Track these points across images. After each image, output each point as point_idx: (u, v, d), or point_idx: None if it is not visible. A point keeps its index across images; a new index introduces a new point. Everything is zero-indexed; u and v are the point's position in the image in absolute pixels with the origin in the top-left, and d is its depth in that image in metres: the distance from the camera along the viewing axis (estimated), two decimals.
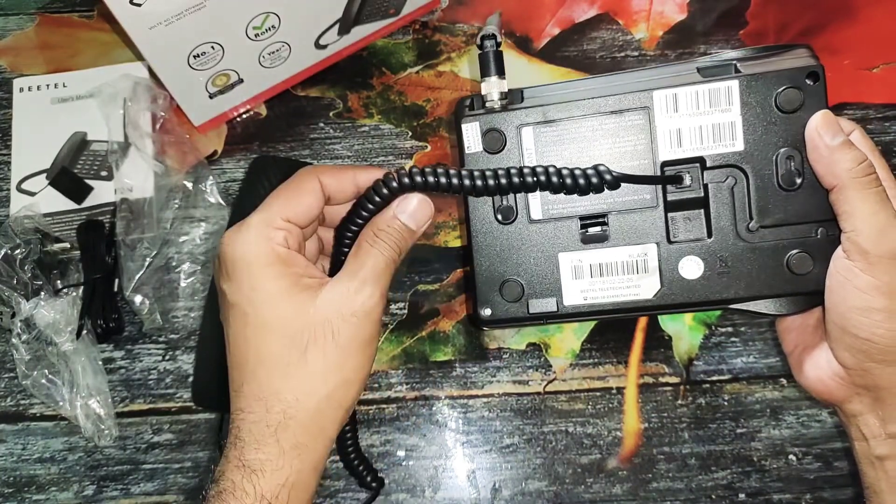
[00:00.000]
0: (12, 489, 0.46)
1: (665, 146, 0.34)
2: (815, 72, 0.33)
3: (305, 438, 0.32)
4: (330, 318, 0.32)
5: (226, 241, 0.33)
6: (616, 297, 0.36)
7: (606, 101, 0.35)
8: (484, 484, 0.46)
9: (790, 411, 0.47)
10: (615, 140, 0.35)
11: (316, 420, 0.32)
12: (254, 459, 0.31)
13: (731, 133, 0.34)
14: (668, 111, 0.34)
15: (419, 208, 0.34)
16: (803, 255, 0.34)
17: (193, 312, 0.50)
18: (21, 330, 0.47)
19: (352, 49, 0.57)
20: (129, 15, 0.43)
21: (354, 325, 0.32)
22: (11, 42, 0.59)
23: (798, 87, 0.33)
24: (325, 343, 0.32)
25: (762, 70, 0.33)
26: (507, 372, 0.49)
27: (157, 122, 0.53)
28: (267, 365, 0.32)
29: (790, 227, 0.34)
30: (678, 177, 0.35)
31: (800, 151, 0.33)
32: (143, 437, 0.48)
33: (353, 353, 0.32)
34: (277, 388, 0.32)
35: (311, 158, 0.54)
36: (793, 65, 0.33)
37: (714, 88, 0.34)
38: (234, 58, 0.50)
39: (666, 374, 0.48)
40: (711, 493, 0.46)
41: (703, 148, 0.34)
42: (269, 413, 0.31)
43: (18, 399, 0.49)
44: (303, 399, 0.32)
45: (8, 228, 0.49)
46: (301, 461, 0.32)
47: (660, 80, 0.35)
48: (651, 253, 0.35)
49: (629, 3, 0.59)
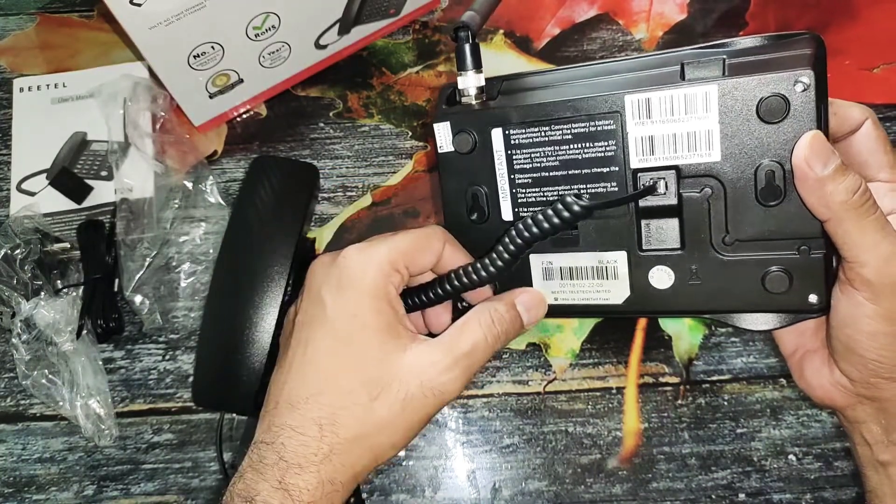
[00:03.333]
0: (12, 489, 0.46)
1: (636, 153, 0.32)
2: (803, 78, 0.28)
3: (343, 476, 0.31)
4: (410, 381, 0.31)
5: (349, 255, 0.33)
6: (586, 300, 0.35)
7: (577, 104, 0.32)
8: (484, 484, 0.46)
9: (790, 411, 0.47)
10: (586, 144, 0.32)
11: (354, 462, 0.31)
12: (294, 485, 0.30)
13: (708, 142, 0.31)
14: (639, 117, 0.31)
15: (537, 305, 0.34)
16: (780, 275, 0.31)
17: (193, 312, 0.50)
18: (21, 330, 0.47)
19: (352, 49, 0.57)
20: (129, 15, 0.43)
21: (427, 401, 0.31)
22: (11, 42, 0.59)
23: (783, 96, 0.29)
24: (395, 402, 0.31)
25: (745, 74, 0.29)
26: (507, 372, 0.49)
27: (157, 122, 0.53)
28: (336, 392, 0.31)
29: (769, 243, 0.31)
30: (651, 188, 0.32)
31: (782, 165, 0.30)
32: (143, 437, 0.48)
33: (411, 424, 0.32)
34: (337, 419, 0.31)
35: (311, 158, 0.54)
36: (780, 68, 0.29)
37: (690, 94, 0.30)
38: (234, 58, 0.50)
39: (666, 374, 0.48)
40: (711, 493, 0.46)
41: (677, 157, 0.31)
42: (321, 441, 0.31)
43: (18, 399, 0.49)
44: (352, 441, 0.31)
45: (8, 228, 0.49)
46: (330, 500, 0.31)
47: (637, 80, 0.32)
48: (621, 260, 0.34)
49: (629, 3, 0.59)
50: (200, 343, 0.48)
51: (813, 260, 0.31)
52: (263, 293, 0.46)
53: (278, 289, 0.46)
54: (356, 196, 0.54)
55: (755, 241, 0.31)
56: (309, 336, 0.33)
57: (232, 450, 0.47)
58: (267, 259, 0.47)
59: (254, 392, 0.46)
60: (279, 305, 0.46)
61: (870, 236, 0.29)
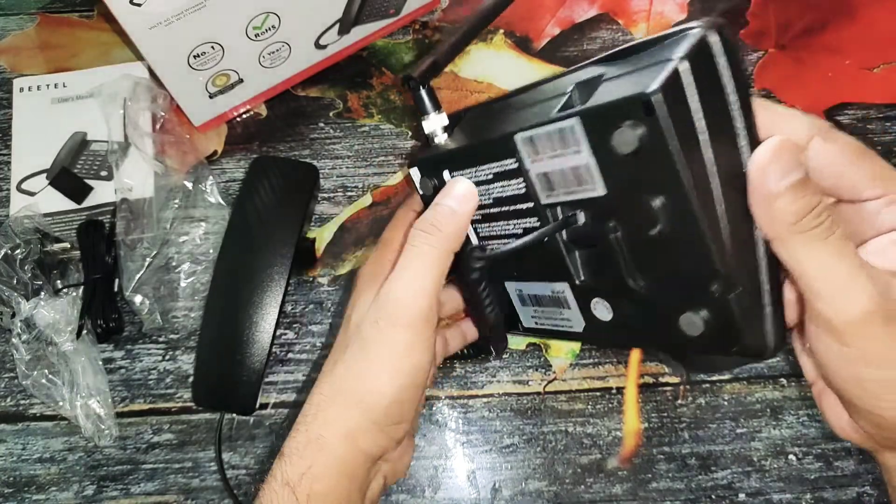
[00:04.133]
0: (12, 489, 0.46)
1: (540, 190, 0.30)
2: (648, 102, 0.23)
3: (327, 432, 0.33)
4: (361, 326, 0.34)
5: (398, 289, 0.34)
6: (555, 327, 0.35)
7: (487, 145, 0.32)
8: (484, 484, 0.46)
9: (790, 411, 0.47)
10: (504, 183, 0.32)
11: (340, 417, 0.33)
12: (286, 448, 0.33)
13: (590, 177, 0.28)
14: (531, 154, 0.30)
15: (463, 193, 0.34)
16: (690, 317, 0.27)
17: (193, 312, 0.50)
18: (21, 330, 0.47)
19: (352, 49, 0.57)
20: (129, 15, 0.43)
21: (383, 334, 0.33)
22: (11, 42, 0.59)
23: (635, 125, 0.24)
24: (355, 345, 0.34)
25: (597, 101, 0.26)
26: (508, 372, 0.49)
27: (157, 122, 0.53)
28: (328, 360, 0.35)
29: (678, 281, 0.27)
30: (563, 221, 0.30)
31: (668, 198, 0.25)
32: (143, 437, 0.48)
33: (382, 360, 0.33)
34: (323, 381, 0.34)
35: (311, 158, 0.54)
36: (627, 91, 0.24)
37: (561, 128, 0.27)
38: (234, 58, 0.50)
39: (666, 374, 0.48)
40: (711, 493, 0.46)
41: (572, 193, 0.29)
42: (310, 404, 0.34)
43: (18, 399, 0.49)
44: (335, 394, 0.33)
45: (8, 228, 0.49)
46: (321, 454, 0.32)
47: (533, 114, 0.30)
48: (567, 291, 0.33)
49: (629, 3, 0.59)
50: (200, 343, 0.48)
51: (727, 299, 0.26)
52: (263, 293, 0.46)
53: (278, 289, 0.47)
54: (356, 196, 0.54)
55: (665, 279, 0.28)
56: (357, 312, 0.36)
57: (232, 450, 0.47)
58: (267, 259, 0.47)
59: (254, 392, 0.46)
60: (279, 305, 0.46)
61: (822, 262, 0.24)
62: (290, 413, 0.48)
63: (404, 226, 0.38)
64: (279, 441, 0.47)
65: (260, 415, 0.48)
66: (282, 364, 0.49)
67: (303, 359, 0.49)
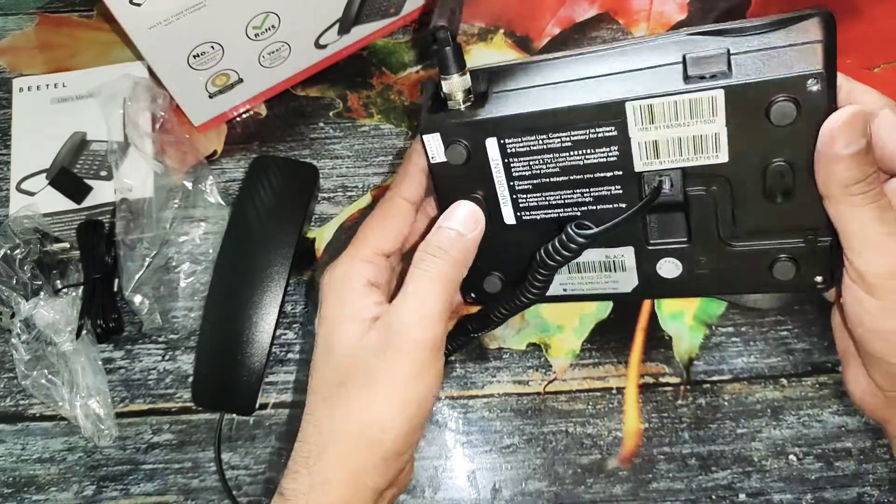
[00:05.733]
0: (12, 489, 0.46)
1: (640, 157, 0.31)
2: (814, 77, 0.27)
3: (333, 476, 0.30)
4: (369, 357, 0.31)
5: (327, 269, 0.34)
6: (594, 290, 0.36)
7: (576, 111, 0.31)
8: (484, 484, 0.46)
9: (791, 411, 0.47)
10: (587, 151, 0.31)
11: (344, 458, 0.30)
12: (288, 489, 0.30)
13: (715, 145, 0.30)
14: (642, 123, 0.30)
15: (466, 215, 0.33)
16: (787, 263, 0.31)
17: (193, 312, 0.50)
18: (21, 330, 0.47)
19: (352, 49, 0.57)
20: (128, 15, 0.43)
21: (391, 363, 0.30)
22: (11, 42, 0.59)
23: (794, 99, 0.28)
24: (363, 384, 0.31)
25: (752, 76, 0.28)
26: (508, 372, 0.49)
27: (157, 121, 0.53)
28: (314, 390, 0.32)
29: (776, 233, 0.31)
30: (656, 189, 0.31)
31: (792, 165, 0.29)
32: (142, 437, 0.48)
33: (389, 390, 0.30)
34: (320, 415, 0.31)
35: (311, 158, 0.54)
36: (790, 68, 0.27)
37: (695, 99, 0.29)
38: (234, 57, 0.50)
39: (666, 374, 0.48)
40: (712, 494, 0.46)
41: (683, 160, 0.30)
42: (307, 443, 0.31)
43: (18, 399, 0.49)
44: (336, 433, 0.31)
45: (7, 228, 0.49)
46: (327, 499, 0.30)
47: (638, 82, 0.30)
48: (628, 255, 0.34)
49: (629, 2, 0.59)
50: (200, 343, 0.48)
51: (820, 247, 0.30)
52: (263, 293, 0.46)
53: (278, 289, 0.47)
54: (356, 196, 0.54)
55: (762, 232, 0.31)
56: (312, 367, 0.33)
57: (232, 450, 0.47)
58: (267, 259, 0.47)
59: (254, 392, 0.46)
60: (279, 305, 0.46)
61: (863, 223, 0.27)
62: (290, 413, 0.48)
63: (387, 218, 0.35)
64: (279, 441, 0.47)
65: (260, 415, 0.48)
66: (282, 364, 0.49)
67: (303, 359, 0.49)
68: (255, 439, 0.47)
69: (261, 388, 0.46)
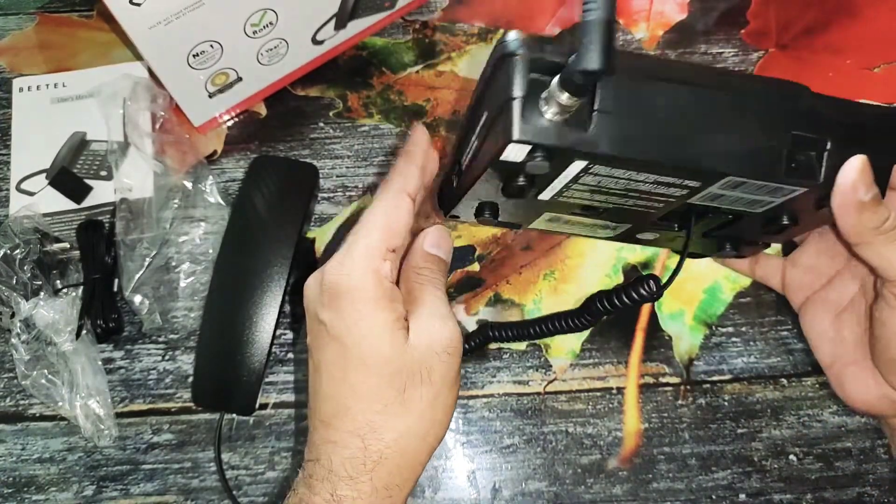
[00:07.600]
0: (12, 489, 0.46)
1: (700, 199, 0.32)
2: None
3: (398, 479, 0.31)
4: (425, 357, 0.32)
5: (331, 270, 0.32)
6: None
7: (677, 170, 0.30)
8: (484, 484, 0.46)
9: (791, 411, 0.47)
10: (659, 186, 0.31)
11: (409, 460, 0.32)
12: (346, 496, 0.30)
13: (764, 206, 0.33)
14: (727, 188, 0.31)
15: (442, 238, 0.36)
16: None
17: (193, 312, 0.50)
18: (20, 330, 0.47)
19: (348, 44, 0.57)
20: (128, 15, 0.43)
21: (446, 364, 0.32)
22: (11, 42, 0.59)
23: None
24: (423, 385, 0.31)
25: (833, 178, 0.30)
26: (508, 372, 0.49)
27: (157, 121, 0.53)
28: (365, 401, 0.31)
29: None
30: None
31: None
32: (142, 438, 0.48)
33: (444, 392, 0.32)
34: (376, 426, 0.31)
35: (311, 158, 0.54)
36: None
37: (780, 188, 0.31)
38: (233, 56, 0.50)
39: (666, 375, 0.48)
40: (712, 494, 0.46)
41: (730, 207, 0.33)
42: (366, 450, 0.31)
43: (18, 399, 0.49)
44: (400, 439, 0.31)
45: (7, 228, 0.49)
46: (391, 501, 0.31)
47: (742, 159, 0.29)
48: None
49: (629, 2, 0.59)
50: (200, 343, 0.48)
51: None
52: (263, 293, 0.46)
53: (278, 289, 0.46)
54: (356, 196, 0.54)
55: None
56: (320, 359, 0.33)
57: (232, 450, 0.47)
58: (267, 259, 0.47)
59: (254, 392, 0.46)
60: (279, 305, 0.46)
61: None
62: (290, 413, 0.48)
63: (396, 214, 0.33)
64: (279, 441, 0.47)
65: (260, 415, 0.48)
66: (282, 364, 0.49)
67: (303, 359, 0.49)
68: (255, 439, 0.47)
69: (261, 388, 0.46)
